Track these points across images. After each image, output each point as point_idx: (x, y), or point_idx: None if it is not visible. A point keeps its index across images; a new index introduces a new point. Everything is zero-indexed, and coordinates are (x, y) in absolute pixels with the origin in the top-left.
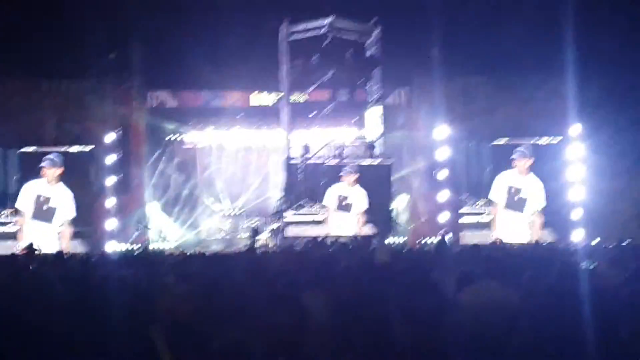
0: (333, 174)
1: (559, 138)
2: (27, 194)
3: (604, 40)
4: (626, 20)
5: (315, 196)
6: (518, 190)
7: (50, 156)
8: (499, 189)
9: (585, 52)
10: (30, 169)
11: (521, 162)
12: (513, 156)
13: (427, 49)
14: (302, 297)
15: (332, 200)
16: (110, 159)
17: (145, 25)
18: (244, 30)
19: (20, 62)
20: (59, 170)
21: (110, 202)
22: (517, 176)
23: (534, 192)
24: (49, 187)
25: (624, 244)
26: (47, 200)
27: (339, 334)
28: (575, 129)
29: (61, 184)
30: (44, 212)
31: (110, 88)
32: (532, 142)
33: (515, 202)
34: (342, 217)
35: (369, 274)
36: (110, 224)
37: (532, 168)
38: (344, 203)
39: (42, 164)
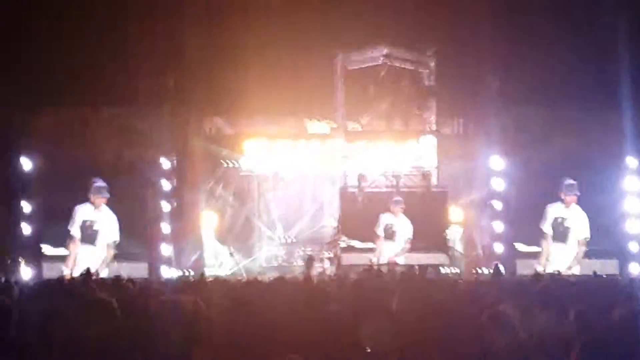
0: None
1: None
2: (76, 219)
3: None
4: None
5: (371, 225)
6: (563, 220)
7: (98, 185)
8: (548, 221)
9: None
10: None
11: (571, 199)
12: (562, 191)
13: (483, 79)
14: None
15: (381, 229)
16: (166, 184)
17: (202, 52)
18: (301, 58)
19: (76, 90)
20: (105, 199)
21: (165, 228)
22: (563, 208)
23: (578, 223)
24: (94, 211)
25: None
26: (93, 223)
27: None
28: (631, 161)
29: (106, 207)
30: (89, 236)
31: (167, 115)
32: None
33: (561, 233)
34: (389, 245)
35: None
36: (166, 249)
37: (586, 200)
38: (390, 231)
39: (98, 194)
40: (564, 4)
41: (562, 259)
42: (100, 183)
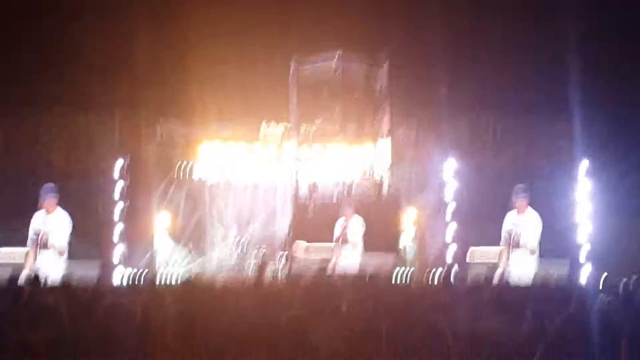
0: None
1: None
2: (31, 226)
3: (612, 79)
4: (635, 59)
5: (323, 234)
6: (515, 227)
7: (50, 186)
8: (503, 229)
9: (593, 90)
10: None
11: (521, 203)
12: (513, 197)
13: (437, 84)
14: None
15: (335, 233)
16: (119, 186)
17: (155, 56)
18: (254, 61)
19: (27, 93)
20: (55, 200)
21: (118, 228)
22: (515, 215)
23: (529, 227)
24: (46, 216)
25: (632, 279)
26: (43, 229)
27: None
28: (583, 166)
29: (59, 209)
30: (42, 240)
31: (119, 117)
32: (539, 180)
33: (513, 240)
34: (343, 248)
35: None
36: (118, 250)
37: (537, 205)
38: (344, 232)
39: (45, 197)
40: (515, 11)
41: (518, 264)
42: (46, 185)
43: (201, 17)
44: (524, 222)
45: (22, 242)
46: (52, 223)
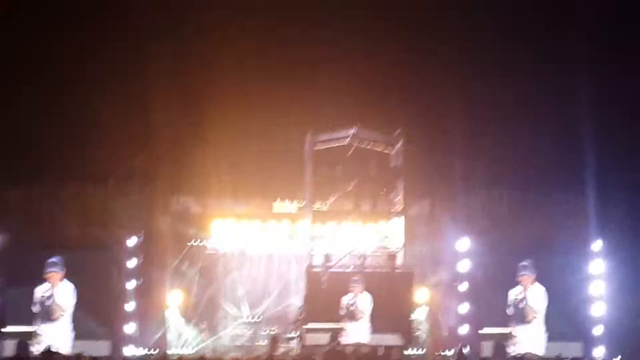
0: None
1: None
2: (35, 297)
3: (625, 158)
4: None
5: (336, 304)
6: (520, 301)
7: (53, 261)
8: (509, 303)
9: (607, 168)
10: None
11: (524, 279)
12: (519, 271)
13: (450, 161)
14: None
15: (342, 309)
16: (132, 262)
17: (172, 132)
18: (269, 139)
19: (45, 166)
20: (61, 274)
21: (130, 305)
22: (520, 289)
23: (534, 299)
24: (50, 288)
25: None
26: (47, 299)
27: None
28: (597, 245)
29: (64, 282)
30: (45, 312)
31: (135, 192)
32: (553, 256)
33: (520, 314)
34: (352, 325)
35: None
36: (130, 327)
37: (551, 283)
38: (350, 310)
39: (47, 270)
40: (528, 91)
41: (526, 339)
42: (52, 259)
43: (219, 95)
44: (528, 294)
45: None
46: (57, 293)
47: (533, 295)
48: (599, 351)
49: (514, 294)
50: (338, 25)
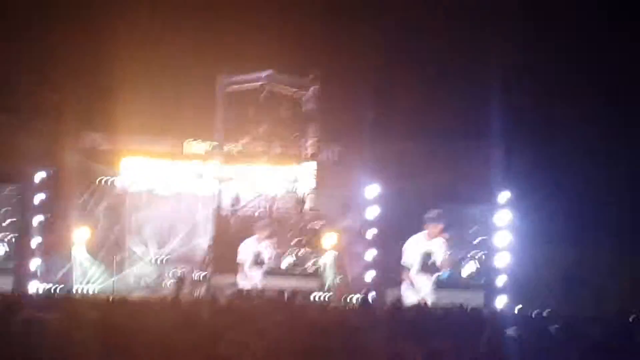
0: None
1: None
2: None
3: (532, 109)
4: (555, 88)
5: None
6: (429, 254)
7: None
8: (411, 254)
9: (514, 120)
10: None
11: (430, 227)
12: (425, 222)
13: (363, 109)
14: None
15: (247, 256)
16: (39, 197)
17: (82, 67)
18: (182, 78)
19: None
20: None
21: (35, 241)
22: (427, 240)
23: (438, 249)
24: None
25: (544, 313)
26: None
27: None
28: (504, 195)
29: None
30: None
31: (43, 126)
32: (459, 207)
33: (426, 265)
34: (256, 272)
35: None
36: (35, 263)
37: (456, 232)
38: (258, 259)
39: None
40: (441, 46)
41: (428, 289)
42: None
43: (128, 31)
44: (437, 248)
45: None
46: None
47: (437, 245)
48: (501, 300)
49: (419, 244)
50: None
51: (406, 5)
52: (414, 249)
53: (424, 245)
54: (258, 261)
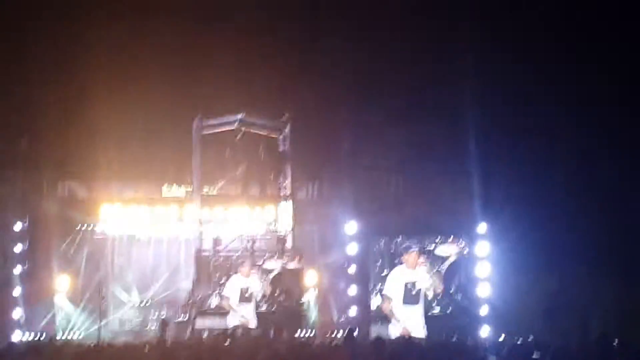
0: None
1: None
2: None
3: (510, 143)
4: (531, 124)
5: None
6: (413, 284)
7: None
8: (393, 284)
9: (492, 153)
10: None
11: (405, 256)
12: (401, 255)
13: (337, 146)
14: None
15: (234, 292)
16: (18, 247)
17: (58, 115)
18: (157, 122)
19: None
20: None
21: (17, 291)
22: (409, 270)
23: (425, 282)
24: None
25: (528, 339)
26: None
27: None
28: (482, 227)
29: None
30: None
31: (20, 176)
32: (438, 239)
33: (413, 296)
34: (245, 307)
35: None
36: (17, 313)
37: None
38: (246, 295)
39: None
40: (416, 76)
41: (414, 320)
42: None
43: (105, 78)
44: (420, 278)
45: None
46: None
47: (420, 274)
48: (484, 330)
49: (401, 275)
50: (226, 12)
51: (374, 38)
52: (397, 279)
53: (408, 275)
54: (246, 296)
